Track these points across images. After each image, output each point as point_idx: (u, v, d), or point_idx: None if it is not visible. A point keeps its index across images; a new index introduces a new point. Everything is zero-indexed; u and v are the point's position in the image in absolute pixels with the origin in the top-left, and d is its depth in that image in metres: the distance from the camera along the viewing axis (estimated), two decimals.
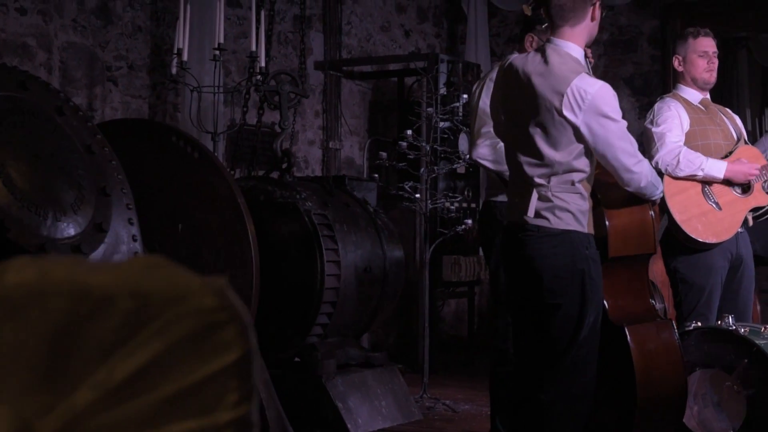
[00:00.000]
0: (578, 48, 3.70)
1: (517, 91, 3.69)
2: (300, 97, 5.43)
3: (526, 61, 3.71)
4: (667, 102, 4.91)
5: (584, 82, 3.56)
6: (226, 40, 6.57)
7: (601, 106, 3.56)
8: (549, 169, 3.62)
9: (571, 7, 3.63)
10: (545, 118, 3.59)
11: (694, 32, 4.94)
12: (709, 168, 4.69)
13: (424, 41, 8.42)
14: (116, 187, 3.64)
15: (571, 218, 3.61)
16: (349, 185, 5.63)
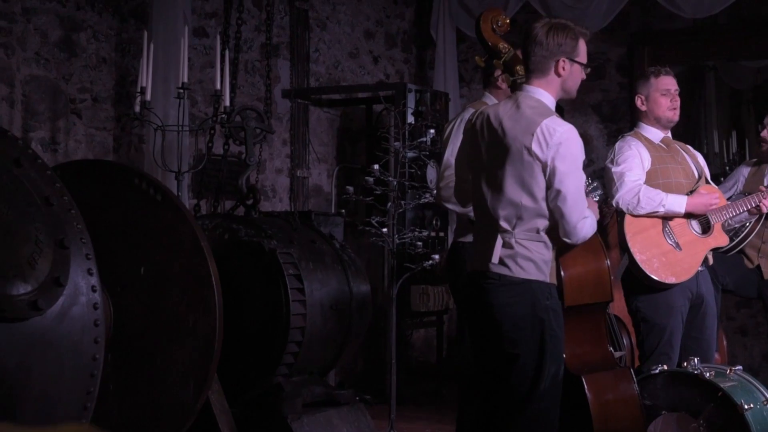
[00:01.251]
0: (550, 96, 3.73)
1: (489, 136, 3.72)
2: (266, 133, 5.40)
3: (497, 108, 3.77)
4: (628, 141, 4.93)
5: (554, 122, 3.61)
6: (192, 70, 6.55)
7: (567, 145, 3.60)
8: (515, 213, 3.63)
9: (536, 60, 3.68)
10: (515, 159, 3.62)
11: (656, 71, 4.97)
12: (669, 204, 4.70)
13: (392, 67, 8.41)
14: (75, 237, 3.60)
15: (533, 268, 3.62)
16: (315, 220, 5.60)
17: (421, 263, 5.66)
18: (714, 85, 8.97)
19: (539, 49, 3.66)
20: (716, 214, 4.84)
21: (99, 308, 3.63)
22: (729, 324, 7.66)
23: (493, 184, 3.68)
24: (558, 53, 3.68)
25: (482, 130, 3.76)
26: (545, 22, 3.71)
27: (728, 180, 5.96)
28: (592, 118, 8.25)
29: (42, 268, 3.38)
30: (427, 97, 7.12)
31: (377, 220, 5.65)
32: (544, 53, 3.66)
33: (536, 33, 3.67)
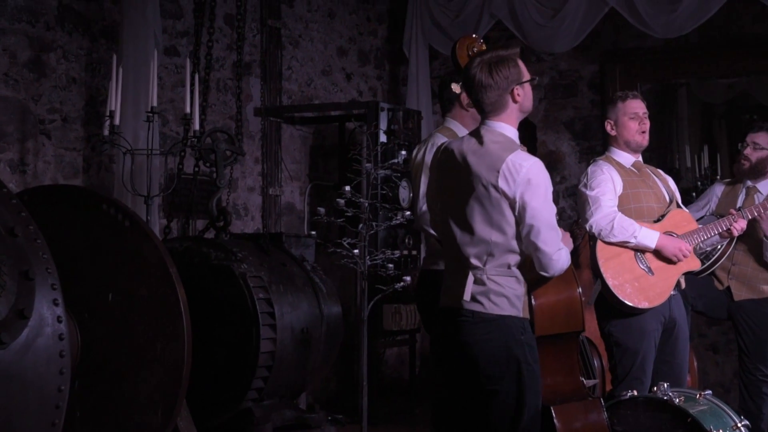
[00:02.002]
0: (511, 128, 3.73)
1: (454, 173, 3.71)
2: (236, 155, 5.37)
3: (461, 143, 3.75)
4: (600, 165, 4.93)
5: (519, 156, 3.61)
6: (163, 89, 6.53)
7: (535, 180, 3.60)
8: (485, 250, 3.62)
9: (490, 102, 3.68)
10: (482, 196, 3.61)
11: (623, 96, 4.99)
12: (642, 237, 4.71)
13: (365, 84, 8.41)
14: (41, 268, 3.56)
15: (507, 303, 3.61)
16: (286, 242, 5.59)
17: (393, 285, 5.65)
18: (686, 100, 9.02)
19: (489, 90, 3.65)
20: (688, 239, 4.85)
21: (65, 339, 3.60)
22: (700, 341, 7.69)
23: (462, 222, 3.66)
24: (509, 85, 3.67)
25: (447, 167, 3.75)
26: (479, 63, 3.67)
27: (701, 199, 5.98)
28: (564, 135, 8.27)
29: (6, 300, 3.35)
30: (399, 116, 7.11)
31: (348, 242, 5.64)
32: (497, 92, 3.65)
33: (479, 78, 3.64)
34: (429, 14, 7.99)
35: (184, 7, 6.67)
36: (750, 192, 5.66)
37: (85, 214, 4.43)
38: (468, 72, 3.72)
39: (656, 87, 8.60)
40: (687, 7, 6.86)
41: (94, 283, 4.38)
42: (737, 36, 7.61)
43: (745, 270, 5.57)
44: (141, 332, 4.34)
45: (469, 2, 7.77)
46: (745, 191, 5.68)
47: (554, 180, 8.27)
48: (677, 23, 6.95)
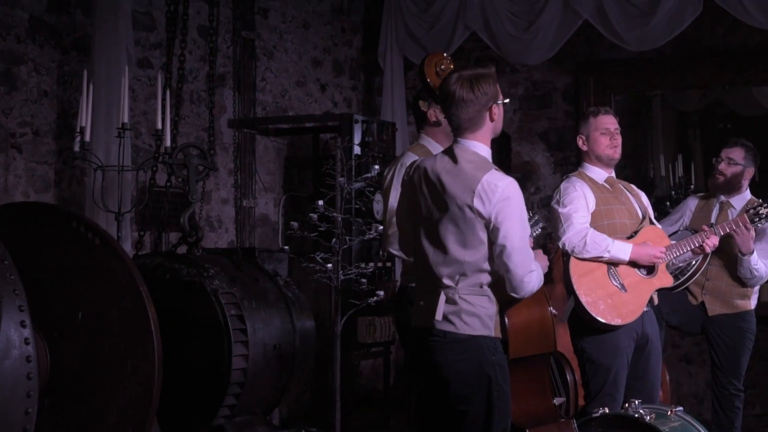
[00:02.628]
0: (485, 147, 3.73)
1: (427, 192, 3.70)
2: (209, 170, 5.35)
3: (434, 162, 3.74)
4: (572, 182, 4.94)
5: (494, 176, 3.61)
6: (136, 101, 6.49)
7: (510, 200, 3.61)
8: (458, 270, 3.62)
9: (468, 118, 3.67)
10: (456, 216, 3.61)
11: (595, 111, 5.01)
12: (615, 250, 4.73)
13: (340, 95, 8.39)
14: (8, 289, 3.54)
15: (478, 323, 3.61)
16: (259, 257, 5.56)
17: (366, 300, 5.64)
18: (660, 108, 9.05)
19: (469, 106, 3.65)
20: None
21: (32, 361, 3.57)
22: (674, 352, 7.73)
23: (435, 241, 3.66)
24: (488, 101, 3.68)
25: (420, 186, 3.74)
26: (458, 78, 3.68)
27: (675, 213, 5.99)
28: (539, 146, 8.29)
29: None
30: (373, 128, 7.10)
31: (321, 257, 5.62)
32: (476, 108, 3.65)
33: (459, 93, 3.64)
34: (404, 25, 7.99)
35: (158, 19, 6.63)
36: (723, 207, 5.68)
37: (55, 232, 4.39)
38: (447, 87, 3.71)
39: (631, 96, 8.63)
40: (660, 20, 6.89)
41: (64, 301, 4.34)
42: (710, 48, 7.65)
43: (719, 285, 5.59)
44: (111, 350, 4.31)
45: (443, 14, 7.77)
46: (718, 206, 5.71)
47: (529, 191, 8.28)
48: (651, 36, 6.99)
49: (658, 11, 6.87)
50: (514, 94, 8.34)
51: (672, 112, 9.23)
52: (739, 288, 5.57)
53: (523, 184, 8.30)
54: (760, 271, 5.51)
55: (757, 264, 5.48)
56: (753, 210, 5.23)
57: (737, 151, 5.64)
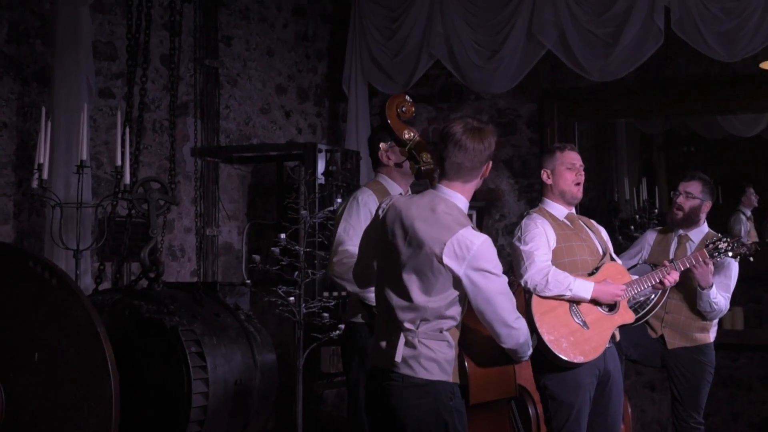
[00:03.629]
0: (465, 200, 3.72)
1: (399, 234, 3.67)
2: (169, 204, 5.31)
3: (410, 205, 3.70)
4: (533, 218, 4.93)
5: (469, 233, 3.58)
6: (98, 132, 6.45)
7: (485, 259, 3.59)
8: (419, 314, 3.60)
9: (470, 167, 3.65)
10: (423, 263, 3.58)
11: (561, 146, 5.01)
12: (576, 288, 4.72)
13: (305, 121, 8.37)
14: None
15: (437, 368, 3.60)
16: (220, 291, 5.53)
17: (328, 334, 5.62)
18: (625, 130, 9.09)
19: (475, 155, 3.62)
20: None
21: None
22: (638, 379, 7.75)
23: (399, 285, 3.63)
24: (489, 157, 3.69)
25: (392, 227, 3.70)
26: (465, 125, 3.65)
27: (634, 246, 6.01)
28: (504, 173, 8.31)
29: None
30: (337, 157, 7.08)
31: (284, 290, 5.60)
32: (479, 159, 3.64)
33: (469, 144, 3.61)
34: (368, 53, 7.99)
35: (119, 48, 6.59)
36: (682, 240, 5.71)
37: (11, 272, 4.35)
38: (453, 133, 3.65)
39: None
40: (622, 51, 6.94)
41: (21, 341, 4.30)
42: (673, 76, 7.72)
43: (678, 318, 5.61)
44: (68, 392, 4.26)
45: (408, 42, 7.78)
46: (677, 240, 5.73)
47: (494, 218, 8.30)
48: (613, 67, 7.03)
49: (620, 42, 6.91)
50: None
51: (636, 134, 9.27)
52: (699, 321, 5.59)
53: (488, 211, 8.32)
54: (719, 305, 5.53)
55: (716, 297, 5.50)
56: (712, 245, 5.25)
57: (695, 184, 5.68)
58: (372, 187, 4.81)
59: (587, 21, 7.05)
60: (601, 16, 7.00)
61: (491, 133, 3.69)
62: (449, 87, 8.32)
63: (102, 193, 6.38)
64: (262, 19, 7.90)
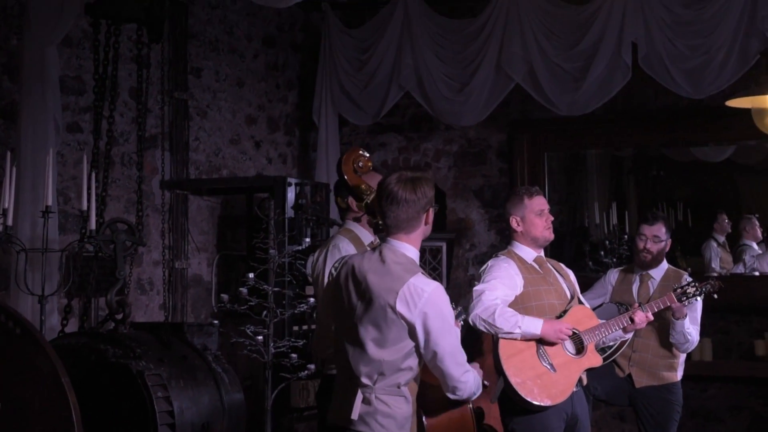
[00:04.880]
0: (414, 249, 3.73)
1: (353, 289, 3.68)
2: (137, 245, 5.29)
3: (362, 260, 3.72)
4: (500, 260, 4.93)
5: (420, 280, 3.59)
6: (66, 167, 6.41)
7: (436, 306, 3.59)
8: (376, 369, 3.60)
9: (406, 218, 3.66)
10: (378, 315, 3.59)
11: (528, 192, 4.99)
12: (525, 326, 4.70)
13: (275, 151, 8.36)
14: None
15: (394, 425, 3.59)
16: (188, 332, 5.49)
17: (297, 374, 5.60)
18: (595, 154, 9.13)
19: (409, 206, 3.64)
20: (589, 335, 4.89)
21: None
22: (607, 410, 7.77)
23: (355, 340, 3.64)
24: (426, 205, 3.69)
25: (346, 283, 3.72)
26: (399, 178, 3.68)
27: (597, 287, 6.02)
28: (474, 203, 8.33)
29: None
30: (307, 190, 7.07)
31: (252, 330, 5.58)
32: (415, 209, 3.65)
33: (400, 193, 3.64)
34: (338, 83, 8.00)
35: (87, 82, 6.56)
36: (644, 279, 5.75)
37: None
38: (388, 187, 3.68)
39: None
40: (590, 86, 6.98)
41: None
42: (641, 109, 7.78)
43: (645, 357, 5.64)
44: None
45: (377, 73, 7.79)
46: (638, 279, 5.77)
47: (464, 247, 8.31)
48: (581, 102, 7.07)
49: (589, 77, 6.95)
50: (449, 151, 8.39)
51: (607, 157, 9.29)
52: (666, 360, 5.63)
53: (458, 241, 8.33)
54: (692, 336, 5.57)
55: (689, 328, 5.54)
56: (681, 289, 5.28)
57: (659, 227, 5.71)
58: (346, 235, 4.79)
59: (556, 55, 7.09)
60: (570, 50, 7.04)
61: (426, 182, 3.70)
62: (420, 116, 8.33)
63: (69, 228, 6.35)
64: (232, 50, 7.89)
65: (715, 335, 7.49)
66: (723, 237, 8.59)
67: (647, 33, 6.74)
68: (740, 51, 6.49)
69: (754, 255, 8.20)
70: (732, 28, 6.48)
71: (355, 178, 4.38)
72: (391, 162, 8.56)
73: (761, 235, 8.43)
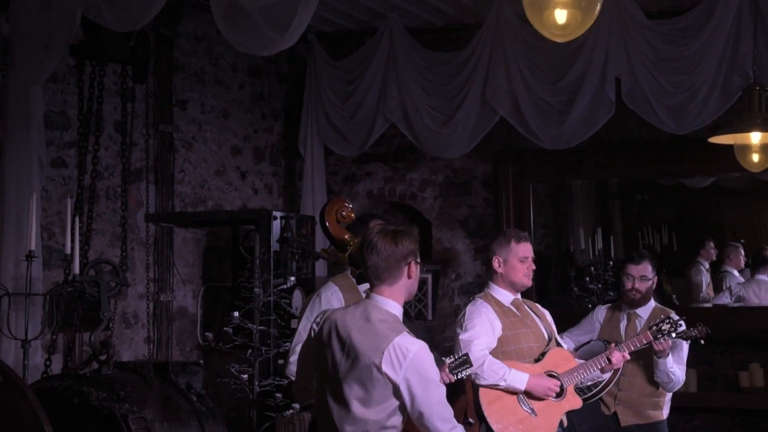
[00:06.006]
0: (398, 306, 3.72)
1: (337, 347, 3.67)
2: (121, 286, 5.28)
3: (345, 316, 3.71)
4: (478, 306, 4.95)
5: (405, 340, 3.59)
6: (50, 201, 6.40)
7: (422, 365, 3.59)
8: (361, 428, 3.60)
9: (386, 267, 3.66)
10: (363, 374, 3.58)
11: (516, 237, 5.02)
12: (511, 379, 4.75)
13: (261, 181, 8.36)
14: None
15: None
16: (172, 371, 5.47)
17: (282, 413, 5.61)
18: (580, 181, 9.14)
19: (389, 258, 3.65)
20: (569, 377, 4.91)
21: None
22: None
23: (340, 398, 3.63)
24: (408, 257, 3.69)
25: (330, 340, 3.71)
26: (380, 230, 3.70)
27: (584, 323, 6.02)
28: (459, 233, 8.34)
29: None
30: (293, 223, 7.07)
31: (237, 369, 5.60)
32: (396, 261, 3.66)
33: (381, 245, 3.65)
34: (324, 114, 8.01)
35: (72, 117, 6.57)
36: (631, 318, 5.76)
37: None
38: (367, 236, 3.71)
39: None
40: (575, 120, 7.01)
41: None
42: (625, 140, 7.80)
43: (631, 395, 5.65)
44: None
45: (363, 105, 7.81)
46: (626, 317, 5.78)
47: (449, 277, 8.32)
48: (565, 136, 7.10)
49: (573, 111, 6.98)
50: (434, 181, 8.41)
51: (591, 182, 9.31)
52: (652, 398, 5.64)
53: (444, 271, 8.34)
54: (677, 375, 5.58)
55: (673, 367, 5.54)
56: (655, 327, 5.31)
57: (646, 265, 5.72)
58: (338, 281, 4.77)
59: (540, 89, 7.12)
60: (554, 84, 7.07)
61: (407, 236, 3.71)
62: (405, 147, 8.35)
63: (53, 263, 6.33)
64: (218, 81, 7.90)
65: (699, 366, 7.51)
66: (708, 263, 8.63)
67: (630, 68, 6.78)
68: (723, 87, 6.52)
69: (740, 282, 8.24)
70: (714, 64, 6.52)
71: (338, 229, 4.39)
72: (377, 192, 8.57)
73: (744, 264, 8.49)
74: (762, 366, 7.46)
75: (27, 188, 5.60)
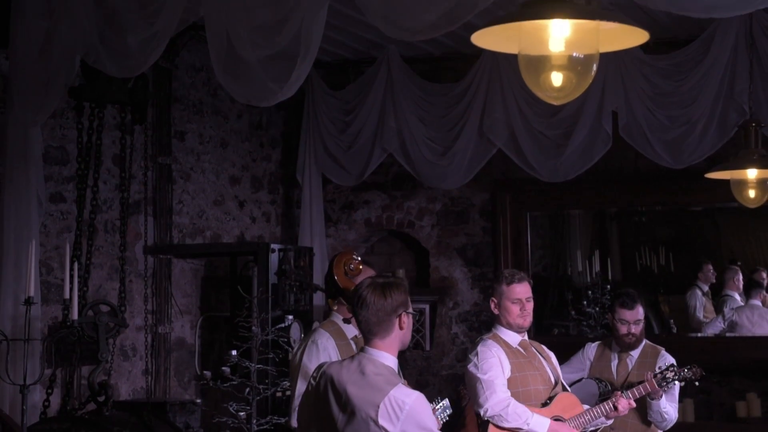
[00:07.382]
0: (392, 357, 3.73)
1: (333, 401, 3.68)
2: (119, 327, 5.30)
3: (340, 370, 3.72)
4: (488, 345, 4.97)
5: (401, 392, 3.60)
6: (48, 237, 6.42)
7: (419, 416, 3.60)
8: None
9: (377, 321, 3.68)
10: (360, 428, 3.59)
11: (509, 278, 5.03)
12: (534, 423, 4.79)
13: (259, 210, 8.38)
14: None
15: None
16: (170, 411, 5.51)
17: None
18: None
19: (379, 312, 3.66)
20: (576, 422, 4.95)
21: None
22: None
23: None
24: (398, 309, 3.71)
25: (326, 394, 3.72)
26: (369, 283, 3.71)
27: (575, 361, 5.97)
28: (457, 262, 8.36)
29: None
30: (290, 255, 7.09)
31: (234, 408, 5.61)
32: (386, 314, 3.67)
33: (370, 299, 3.65)
34: (322, 144, 8.03)
35: (71, 152, 6.59)
36: (622, 356, 5.76)
37: None
38: (359, 292, 3.72)
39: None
40: (572, 153, 7.04)
41: None
42: (622, 170, 7.82)
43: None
44: None
45: (361, 135, 7.83)
46: (617, 356, 5.78)
47: (447, 306, 8.34)
48: (562, 169, 7.12)
49: (570, 144, 7.01)
50: (432, 209, 8.43)
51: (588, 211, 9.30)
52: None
53: (442, 300, 8.36)
54: (670, 414, 5.58)
55: (666, 407, 5.55)
56: (660, 375, 5.32)
57: (638, 309, 5.69)
58: (327, 328, 4.78)
59: (537, 122, 7.15)
60: (551, 117, 7.10)
61: (396, 288, 3.71)
62: (403, 175, 8.36)
63: (52, 299, 6.35)
64: (216, 111, 7.92)
65: (696, 396, 7.52)
66: (707, 286, 8.64)
67: (627, 103, 6.81)
68: (719, 122, 6.56)
69: (734, 308, 8.24)
70: (711, 99, 6.55)
71: (346, 281, 4.41)
72: (375, 220, 8.60)
73: (742, 287, 8.49)
74: (759, 396, 7.47)
75: (26, 228, 5.62)
